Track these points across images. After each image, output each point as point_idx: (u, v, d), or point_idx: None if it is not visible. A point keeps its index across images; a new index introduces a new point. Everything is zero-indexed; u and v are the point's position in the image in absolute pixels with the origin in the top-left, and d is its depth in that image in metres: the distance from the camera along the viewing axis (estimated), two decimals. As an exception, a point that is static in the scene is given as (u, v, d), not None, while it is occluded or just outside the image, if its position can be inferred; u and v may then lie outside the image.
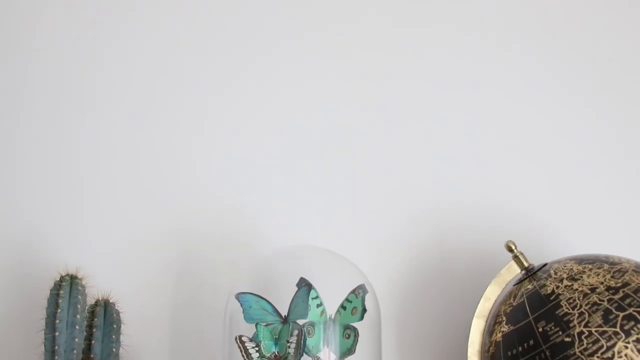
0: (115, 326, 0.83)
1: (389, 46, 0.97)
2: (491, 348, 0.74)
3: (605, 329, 0.66)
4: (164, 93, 0.97)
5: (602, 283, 0.69)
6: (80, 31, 0.99)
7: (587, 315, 0.67)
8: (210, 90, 0.97)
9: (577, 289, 0.69)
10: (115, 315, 0.83)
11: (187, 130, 0.96)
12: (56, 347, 0.78)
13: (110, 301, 0.83)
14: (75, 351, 0.78)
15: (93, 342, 0.80)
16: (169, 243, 0.93)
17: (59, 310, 0.79)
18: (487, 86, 0.95)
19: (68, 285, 0.80)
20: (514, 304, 0.74)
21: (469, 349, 0.77)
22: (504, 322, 0.73)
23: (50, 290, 0.80)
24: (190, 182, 0.95)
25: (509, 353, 0.71)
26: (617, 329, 0.65)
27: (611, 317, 0.66)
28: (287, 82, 0.97)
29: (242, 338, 0.72)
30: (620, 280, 0.69)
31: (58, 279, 0.80)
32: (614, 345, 0.65)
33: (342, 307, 0.76)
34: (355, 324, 0.75)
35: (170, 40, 0.98)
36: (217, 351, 0.82)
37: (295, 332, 0.71)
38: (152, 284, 0.92)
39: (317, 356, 0.73)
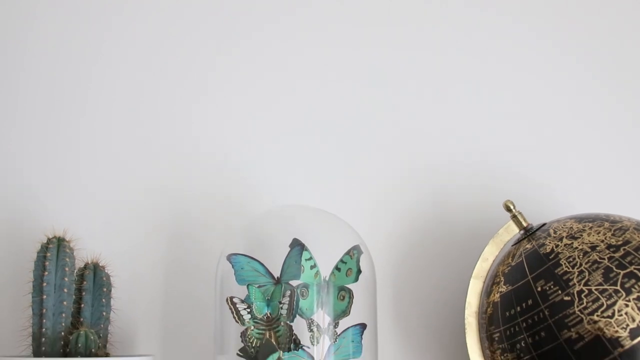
0: (105, 289, 0.81)
1: (386, 3, 0.94)
2: (489, 309, 0.72)
3: (605, 287, 0.64)
4: (165, 54, 0.94)
5: (602, 241, 0.67)
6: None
7: (587, 273, 0.65)
8: (216, 51, 0.94)
9: (577, 248, 0.68)
10: (105, 278, 0.81)
11: (186, 91, 0.93)
12: (44, 310, 0.76)
13: (100, 264, 0.82)
14: (64, 315, 0.77)
15: (82, 305, 0.79)
16: (160, 205, 0.91)
17: (46, 273, 0.77)
18: (485, 47, 0.93)
19: (55, 248, 0.78)
20: (512, 264, 0.72)
21: (466, 310, 0.76)
22: (502, 282, 0.72)
23: (37, 253, 0.78)
24: (183, 144, 0.92)
25: (507, 313, 0.69)
26: (618, 287, 0.64)
27: (612, 275, 0.64)
28: (289, 49, 0.94)
29: (234, 299, 0.70)
30: (621, 238, 0.67)
31: (45, 242, 0.79)
32: (614, 303, 0.63)
33: (337, 268, 0.74)
34: (350, 286, 0.74)
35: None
36: (209, 314, 0.80)
37: (288, 292, 0.69)
38: (142, 246, 0.90)
39: (310, 318, 0.72)
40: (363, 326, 0.73)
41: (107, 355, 0.78)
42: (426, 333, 0.86)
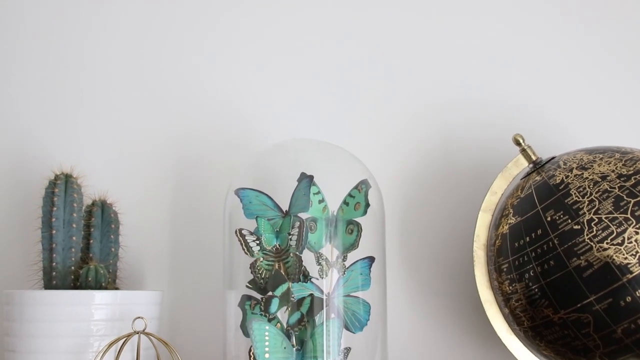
0: (113, 226, 0.81)
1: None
2: (497, 241, 0.72)
3: (615, 215, 0.64)
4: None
5: (613, 171, 0.67)
6: None
7: (597, 202, 0.65)
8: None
9: (587, 178, 0.67)
10: (113, 215, 0.81)
11: (193, 35, 0.92)
12: (54, 245, 0.76)
13: (108, 202, 0.82)
14: (73, 250, 0.77)
15: (91, 241, 0.79)
16: (166, 144, 0.90)
17: (55, 209, 0.77)
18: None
19: (63, 184, 0.78)
20: (522, 196, 0.72)
21: (474, 243, 0.76)
22: (511, 214, 0.71)
23: (46, 189, 0.78)
24: (189, 84, 0.92)
25: (516, 244, 0.69)
26: (628, 215, 0.63)
27: (622, 203, 0.64)
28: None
29: (243, 231, 0.70)
30: (632, 168, 0.67)
31: (53, 178, 0.79)
32: (624, 231, 0.63)
33: (345, 203, 0.74)
34: (358, 219, 0.74)
35: None
36: (218, 250, 0.81)
37: (297, 224, 0.69)
38: (149, 184, 0.90)
39: (319, 252, 0.72)
40: (371, 259, 0.73)
41: (116, 290, 0.79)
42: (434, 266, 0.86)
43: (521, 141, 0.76)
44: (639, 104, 0.88)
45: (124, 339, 0.69)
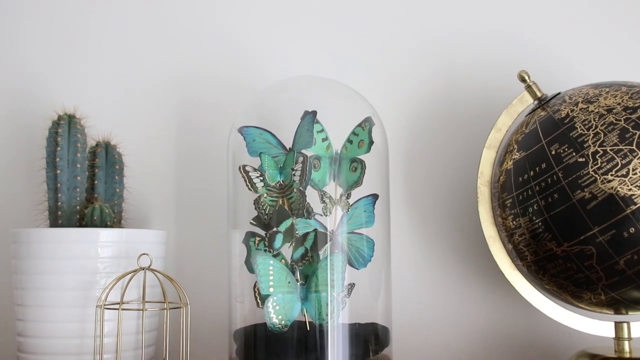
0: (117, 167, 0.81)
1: None
2: (501, 177, 0.72)
3: (621, 147, 0.63)
4: None
5: (619, 104, 0.66)
6: None
7: (602, 135, 0.65)
8: None
9: (592, 111, 0.67)
10: (117, 156, 0.81)
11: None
12: (59, 185, 0.77)
13: (112, 143, 0.82)
14: (78, 189, 0.77)
15: (96, 182, 0.79)
16: (169, 85, 0.90)
17: (59, 149, 0.77)
18: None
19: (66, 124, 0.78)
20: (526, 131, 0.71)
21: (478, 180, 0.76)
22: (515, 150, 0.71)
23: (49, 129, 0.78)
24: (192, 24, 0.91)
25: (520, 179, 0.69)
26: (633, 147, 0.63)
27: (627, 135, 0.64)
28: None
29: (246, 167, 0.70)
30: (638, 101, 0.66)
31: (56, 118, 0.78)
32: (629, 162, 0.63)
33: (349, 141, 0.74)
34: (362, 157, 0.74)
35: None
36: (222, 191, 0.81)
37: (300, 159, 0.69)
38: (153, 125, 0.90)
39: (323, 190, 0.72)
40: (375, 196, 0.73)
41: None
42: (438, 203, 0.86)
43: (526, 78, 0.75)
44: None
45: (130, 275, 0.69)
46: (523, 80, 0.76)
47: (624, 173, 0.62)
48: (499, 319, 0.85)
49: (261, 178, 0.70)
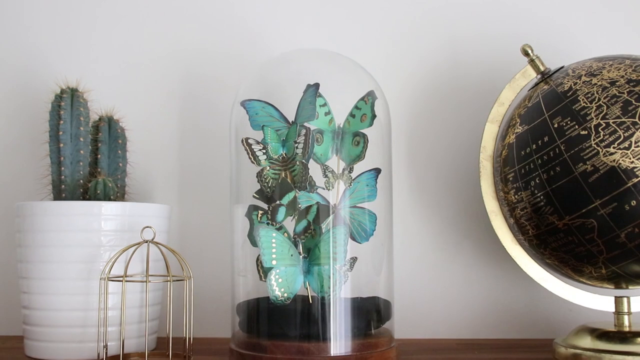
0: (120, 142, 0.81)
1: None
2: (504, 151, 0.72)
3: (623, 119, 0.63)
4: None
5: (622, 77, 0.66)
6: None
7: (605, 107, 0.64)
8: None
9: (595, 84, 0.66)
10: (120, 131, 0.82)
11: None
12: (62, 158, 0.77)
13: (115, 117, 0.82)
14: (81, 163, 0.78)
15: (99, 156, 0.80)
16: (172, 60, 0.90)
17: (62, 122, 0.77)
18: None
19: (69, 98, 0.78)
20: (529, 105, 0.71)
21: (480, 154, 0.76)
22: (518, 123, 0.71)
23: (52, 103, 0.78)
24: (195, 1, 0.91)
25: (522, 152, 0.69)
26: (636, 119, 0.63)
27: (630, 108, 0.64)
28: None
29: (249, 140, 0.70)
30: (642, 74, 0.66)
31: (59, 92, 0.79)
32: (631, 135, 0.63)
33: (351, 115, 0.74)
34: (364, 131, 0.73)
35: None
36: (224, 165, 0.81)
37: (303, 131, 0.69)
38: (155, 100, 0.90)
39: (325, 164, 0.72)
40: (377, 171, 0.73)
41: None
42: (440, 177, 0.87)
43: (530, 52, 0.75)
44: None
45: (133, 247, 0.70)
46: (526, 54, 0.75)
47: (627, 146, 0.62)
48: (500, 294, 0.85)
49: (264, 151, 0.70)
